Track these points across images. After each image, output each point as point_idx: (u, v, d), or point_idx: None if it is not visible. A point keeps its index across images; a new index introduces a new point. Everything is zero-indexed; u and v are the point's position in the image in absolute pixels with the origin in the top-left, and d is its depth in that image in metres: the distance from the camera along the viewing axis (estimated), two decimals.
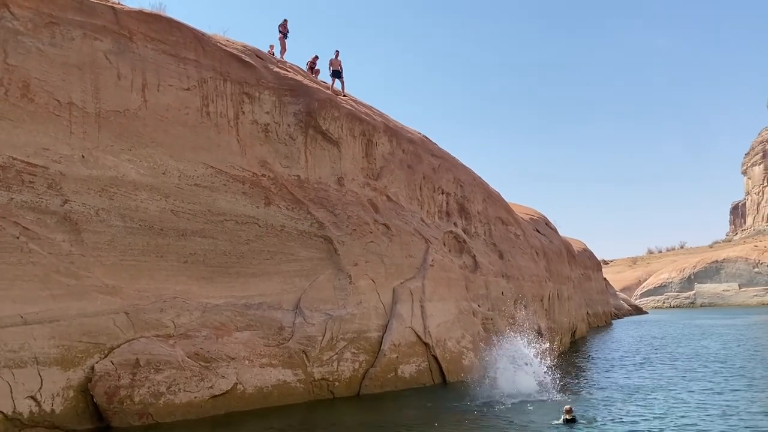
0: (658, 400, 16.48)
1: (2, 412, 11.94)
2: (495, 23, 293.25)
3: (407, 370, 19.00)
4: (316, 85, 20.14)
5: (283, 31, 22.58)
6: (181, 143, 15.65)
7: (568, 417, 13.41)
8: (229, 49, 17.58)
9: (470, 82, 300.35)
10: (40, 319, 12.67)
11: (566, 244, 41.34)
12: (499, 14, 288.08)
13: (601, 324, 54.32)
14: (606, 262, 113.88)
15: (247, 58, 17.93)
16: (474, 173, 27.41)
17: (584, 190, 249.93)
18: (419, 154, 23.18)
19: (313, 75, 21.92)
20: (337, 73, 21.82)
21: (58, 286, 13.05)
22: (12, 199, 12.71)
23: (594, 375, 22.16)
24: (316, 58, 22.58)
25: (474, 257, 24.08)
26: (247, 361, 15.52)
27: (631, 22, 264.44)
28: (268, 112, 17.80)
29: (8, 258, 12.43)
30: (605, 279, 68.45)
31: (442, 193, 24.09)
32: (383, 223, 19.98)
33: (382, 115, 22.93)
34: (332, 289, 17.97)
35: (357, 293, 18.38)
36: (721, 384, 18.80)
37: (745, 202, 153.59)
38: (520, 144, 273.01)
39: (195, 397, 14.38)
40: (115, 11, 15.02)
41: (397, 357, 18.76)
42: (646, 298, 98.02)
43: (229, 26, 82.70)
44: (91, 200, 13.87)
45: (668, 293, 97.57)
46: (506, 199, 30.14)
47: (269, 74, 18.29)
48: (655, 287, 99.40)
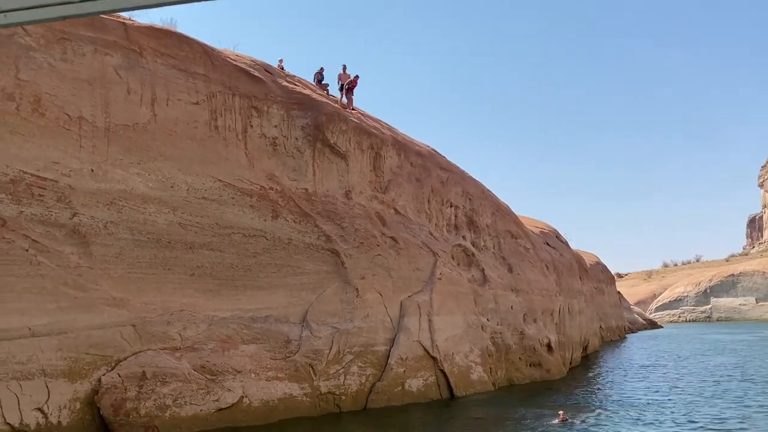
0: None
1: (9, 424, 12.02)
2: (505, 36, 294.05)
3: (414, 384, 18.90)
4: (324, 99, 20.27)
5: (319, 79, 22.45)
6: (189, 157, 15.80)
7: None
8: (237, 64, 17.77)
9: (480, 95, 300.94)
10: (47, 332, 12.78)
11: (578, 258, 41.03)
12: (510, 27, 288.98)
13: (615, 338, 53.74)
14: (620, 276, 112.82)
15: (256, 73, 18.10)
16: (483, 186, 27.37)
17: (598, 203, 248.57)
18: (428, 167, 23.20)
19: (322, 89, 22.02)
20: (345, 88, 21.94)
21: (66, 299, 13.16)
22: (22, 212, 12.87)
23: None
24: (322, 69, 22.68)
25: (483, 271, 23.98)
26: (253, 374, 15.52)
27: (645, 35, 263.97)
28: (276, 126, 17.93)
29: (17, 270, 12.57)
30: (619, 292, 67.75)
31: (451, 206, 24.06)
32: (391, 237, 19.99)
33: (390, 129, 23.02)
34: (339, 302, 17.97)
35: (364, 306, 18.36)
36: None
37: (762, 215, 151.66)
38: (534, 157, 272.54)
39: (201, 410, 14.40)
40: (126, 27, 15.25)
41: (405, 371, 18.68)
42: (661, 312, 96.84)
43: (238, 41, 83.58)
44: (100, 213, 14.01)
45: (684, 307, 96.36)
46: (517, 213, 30.04)
47: (277, 88, 18.44)
48: (671, 301, 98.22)
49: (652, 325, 78.60)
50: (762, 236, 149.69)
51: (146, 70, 15.30)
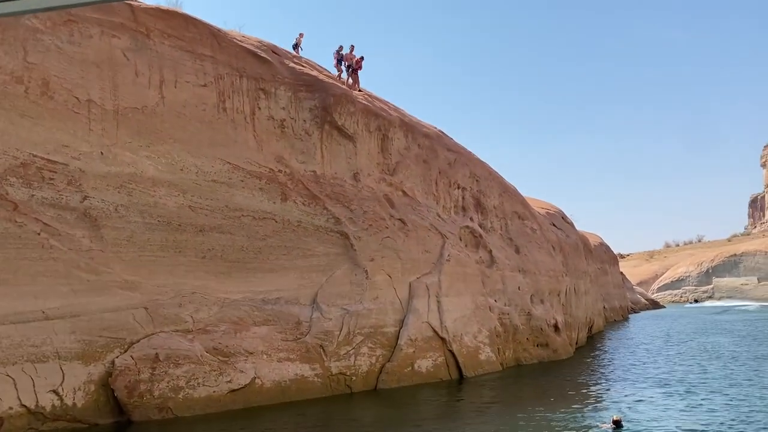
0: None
1: (25, 406, 12.12)
2: (508, 14, 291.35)
3: (424, 364, 19.00)
4: (331, 81, 20.12)
5: (338, 58, 22.14)
6: (198, 139, 15.73)
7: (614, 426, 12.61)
8: (245, 45, 17.61)
9: (484, 76, 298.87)
10: (61, 315, 12.83)
11: (583, 239, 41.04)
12: (513, 4, 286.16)
13: (618, 318, 53.94)
14: (623, 256, 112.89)
15: (263, 54, 17.94)
16: (490, 168, 27.27)
17: (601, 184, 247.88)
18: (435, 149, 23.09)
19: (342, 67, 21.67)
20: (351, 68, 21.72)
21: (79, 282, 13.19)
22: (33, 195, 12.85)
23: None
24: (341, 48, 22.20)
25: (490, 252, 23.99)
26: (265, 356, 15.61)
27: (649, 12, 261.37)
28: (284, 108, 17.82)
29: (30, 254, 12.58)
30: (622, 273, 67.93)
31: (458, 188, 24.00)
32: (399, 219, 19.97)
33: (397, 110, 22.87)
34: (349, 284, 18.00)
35: (373, 288, 18.40)
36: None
37: (765, 195, 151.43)
38: (538, 139, 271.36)
39: (214, 392, 14.50)
40: (133, 8, 15.08)
41: (414, 352, 18.77)
42: (663, 293, 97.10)
43: (245, 22, 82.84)
44: (110, 196, 13.98)
45: (686, 287, 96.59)
46: (523, 194, 29.96)
47: (285, 70, 18.30)
48: (673, 281, 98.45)
49: (655, 305, 78.88)
50: (764, 216, 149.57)
51: (154, 52, 15.17)
